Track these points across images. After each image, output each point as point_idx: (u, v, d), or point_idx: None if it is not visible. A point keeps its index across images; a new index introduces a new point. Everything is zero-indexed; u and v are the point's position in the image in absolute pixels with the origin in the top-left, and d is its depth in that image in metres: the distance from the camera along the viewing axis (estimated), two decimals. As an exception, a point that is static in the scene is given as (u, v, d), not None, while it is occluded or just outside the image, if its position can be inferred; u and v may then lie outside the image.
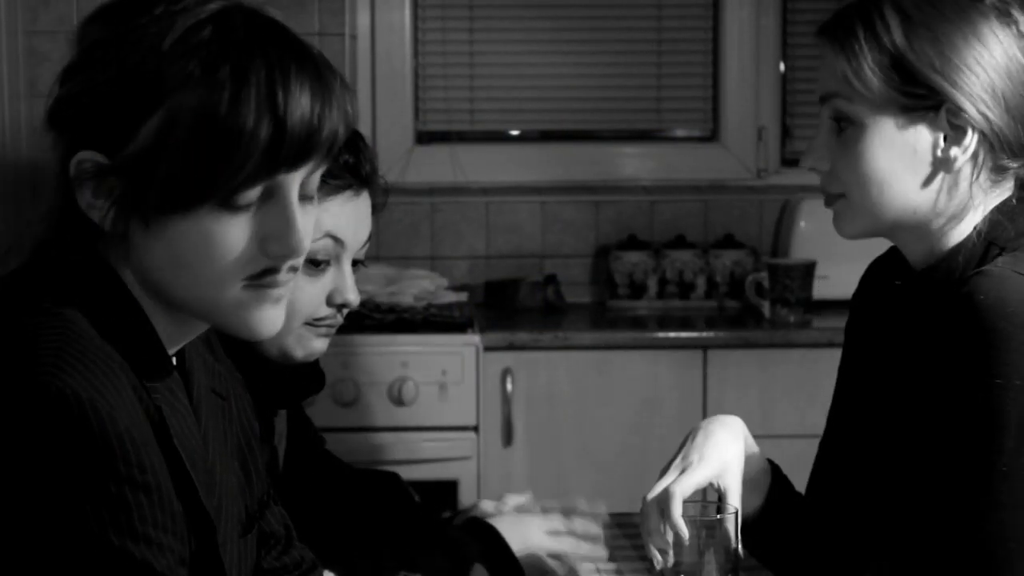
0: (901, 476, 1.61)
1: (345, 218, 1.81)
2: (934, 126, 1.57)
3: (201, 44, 1.22)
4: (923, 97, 1.56)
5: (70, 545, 1.15)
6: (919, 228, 1.61)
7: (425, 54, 4.02)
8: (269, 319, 1.30)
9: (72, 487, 1.15)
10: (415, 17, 3.99)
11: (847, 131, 1.60)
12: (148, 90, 1.22)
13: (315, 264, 1.79)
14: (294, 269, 1.30)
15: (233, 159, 1.22)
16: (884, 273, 1.72)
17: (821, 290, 3.64)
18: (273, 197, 1.26)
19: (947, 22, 1.56)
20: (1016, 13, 1.59)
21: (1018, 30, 1.58)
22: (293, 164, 1.25)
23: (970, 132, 1.56)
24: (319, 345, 1.83)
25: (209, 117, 1.21)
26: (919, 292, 1.63)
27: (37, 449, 1.14)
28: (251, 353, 1.76)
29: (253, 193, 1.24)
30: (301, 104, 1.23)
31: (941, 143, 1.58)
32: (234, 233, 1.25)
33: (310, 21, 3.80)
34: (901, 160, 1.58)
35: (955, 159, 1.57)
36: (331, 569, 1.69)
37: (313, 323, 1.81)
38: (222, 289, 1.26)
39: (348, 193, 1.81)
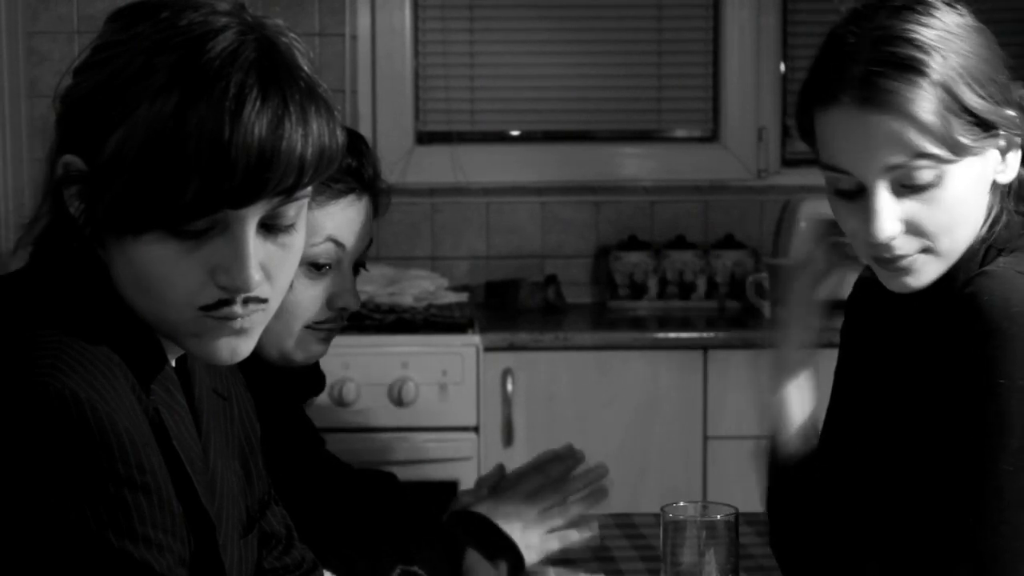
0: (903, 476, 1.61)
1: (347, 222, 1.81)
2: (996, 147, 1.55)
3: (172, 61, 1.19)
4: (983, 126, 1.52)
5: (69, 545, 1.15)
6: None
7: (425, 54, 4.02)
8: (228, 348, 1.27)
9: (71, 488, 1.15)
10: (415, 17, 3.99)
11: (928, 185, 1.52)
12: (119, 101, 1.20)
13: (316, 268, 1.79)
14: (258, 300, 1.25)
15: (174, 187, 1.18)
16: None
17: (821, 290, 3.64)
18: (228, 227, 1.22)
19: (975, 45, 1.53)
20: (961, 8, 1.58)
21: (980, 26, 1.57)
22: (238, 202, 1.20)
23: (1016, 132, 1.55)
24: (319, 348, 1.83)
25: (156, 139, 1.18)
26: (920, 295, 1.62)
27: (36, 450, 1.14)
28: (251, 355, 1.77)
29: (202, 222, 1.20)
30: (252, 137, 1.18)
31: (1000, 158, 1.56)
32: (183, 261, 1.21)
33: (310, 21, 3.80)
34: (978, 186, 1.55)
35: (1012, 163, 1.56)
36: (330, 569, 1.69)
37: (314, 327, 1.81)
38: (178, 314, 1.23)
39: (350, 197, 1.81)
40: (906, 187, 1.52)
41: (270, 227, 1.25)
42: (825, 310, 1.76)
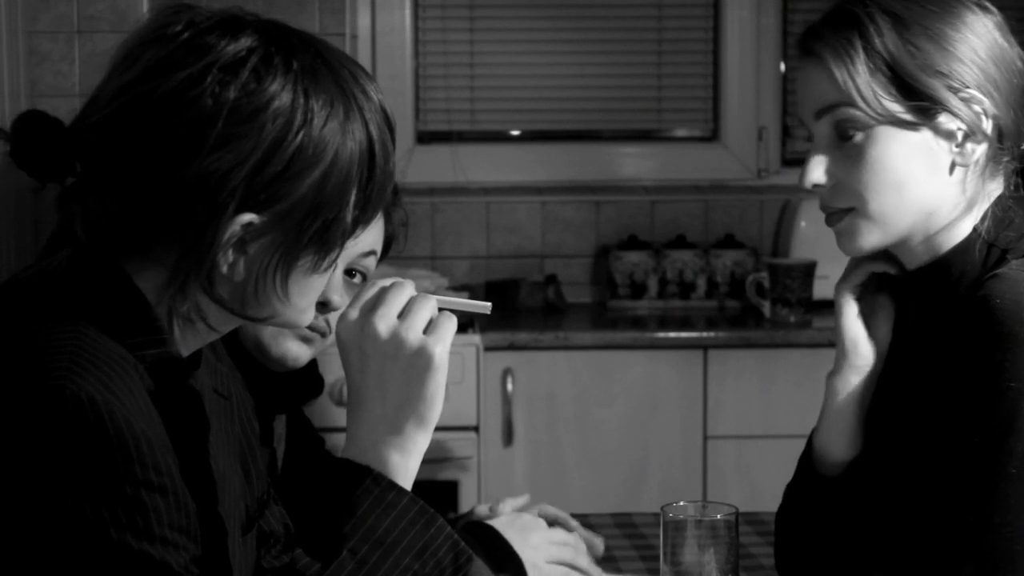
0: (911, 476, 1.60)
1: None
2: (948, 122, 1.55)
3: (329, 94, 1.25)
4: (929, 99, 1.54)
5: (90, 549, 1.14)
6: (927, 229, 1.59)
7: (425, 54, 4.02)
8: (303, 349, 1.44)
9: (90, 491, 1.14)
10: (415, 17, 3.99)
11: (855, 139, 1.56)
12: (296, 150, 1.23)
13: None
14: None
15: (377, 205, 1.30)
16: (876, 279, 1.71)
17: (821, 290, 3.64)
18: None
19: (937, 18, 1.55)
20: (989, 5, 1.59)
21: (996, 20, 1.58)
22: (371, 218, 1.31)
23: (984, 122, 1.54)
24: (294, 348, 1.80)
25: (358, 166, 1.27)
26: (919, 292, 1.62)
27: (54, 453, 1.14)
28: (251, 357, 1.77)
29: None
30: (393, 160, 1.31)
31: (958, 138, 1.56)
32: (317, 294, 1.32)
33: (310, 21, 3.80)
34: (919, 159, 1.55)
35: (972, 152, 1.55)
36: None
37: None
38: (285, 338, 1.41)
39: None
40: (838, 142, 1.58)
41: None
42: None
